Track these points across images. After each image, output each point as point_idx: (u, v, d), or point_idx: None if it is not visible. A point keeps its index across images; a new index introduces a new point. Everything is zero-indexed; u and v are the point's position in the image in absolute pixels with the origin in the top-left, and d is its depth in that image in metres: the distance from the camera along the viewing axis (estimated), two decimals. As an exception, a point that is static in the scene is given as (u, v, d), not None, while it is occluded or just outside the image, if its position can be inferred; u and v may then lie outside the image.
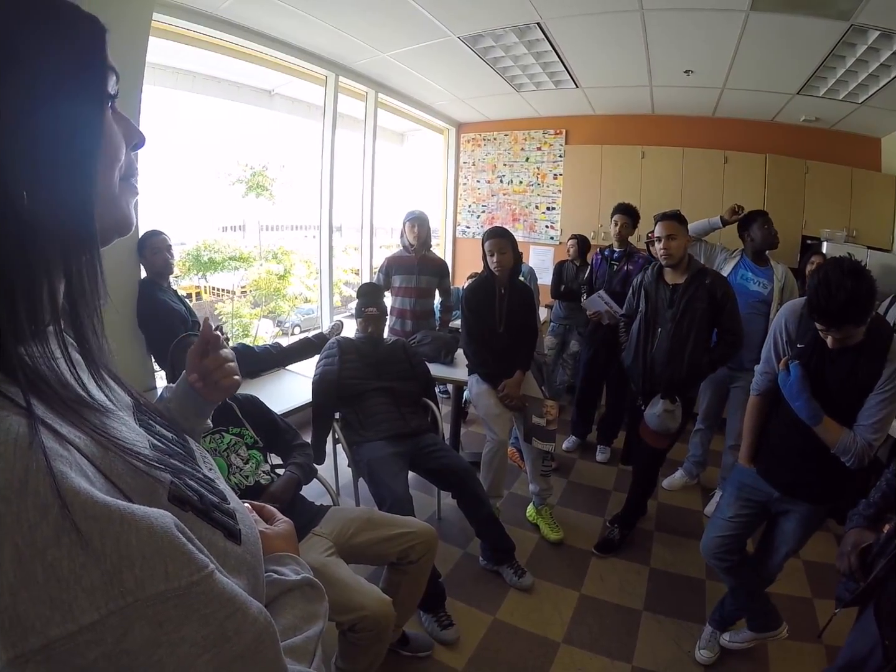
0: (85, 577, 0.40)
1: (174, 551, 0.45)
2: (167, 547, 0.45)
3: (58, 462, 0.42)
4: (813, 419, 2.04)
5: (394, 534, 2.19)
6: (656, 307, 3.15)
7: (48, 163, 0.49)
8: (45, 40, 0.49)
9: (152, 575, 0.43)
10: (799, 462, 2.20)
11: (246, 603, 0.52)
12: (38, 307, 0.50)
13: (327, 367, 3.11)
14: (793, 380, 2.08)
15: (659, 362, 3.12)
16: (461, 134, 7.55)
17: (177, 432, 0.74)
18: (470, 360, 3.55)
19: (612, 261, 4.37)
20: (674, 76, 4.90)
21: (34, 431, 0.43)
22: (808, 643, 2.61)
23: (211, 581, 0.48)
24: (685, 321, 3.03)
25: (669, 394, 3.08)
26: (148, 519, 0.45)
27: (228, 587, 0.50)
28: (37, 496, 0.40)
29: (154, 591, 0.43)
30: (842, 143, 5.71)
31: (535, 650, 2.59)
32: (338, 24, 4.13)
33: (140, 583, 0.42)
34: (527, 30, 4.12)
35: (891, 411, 1.92)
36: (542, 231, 7.10)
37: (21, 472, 0.40)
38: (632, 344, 3.27)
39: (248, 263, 8.92)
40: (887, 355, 1.91)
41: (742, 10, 3.44)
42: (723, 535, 2.44)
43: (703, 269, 3.13)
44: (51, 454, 0.42)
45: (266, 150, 9.26)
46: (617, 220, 4.35)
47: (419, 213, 4.38)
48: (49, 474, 0.40)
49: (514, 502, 3.81)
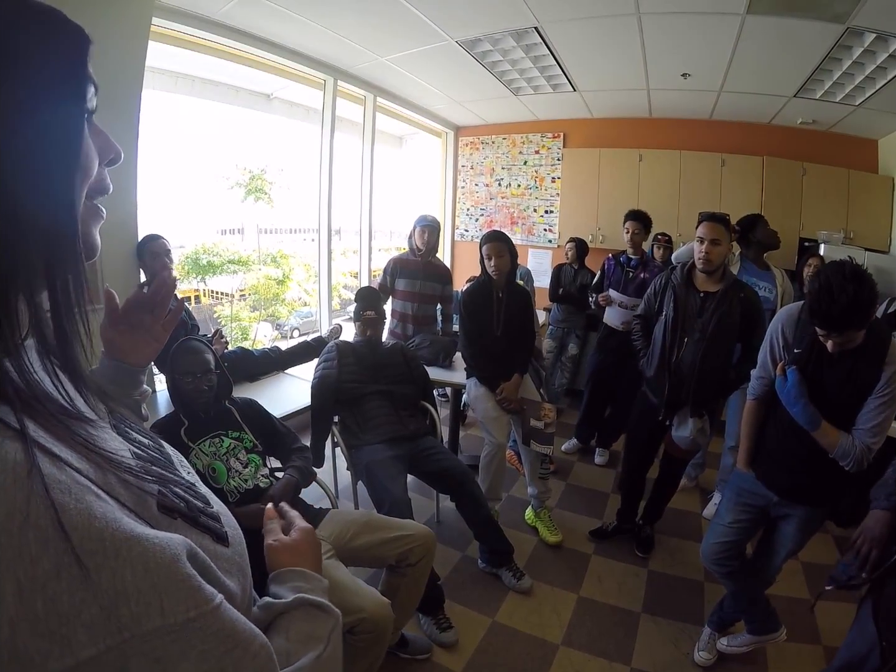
0: (84, 612, 0.40)
1: (172, 586, 0.45)
2: (164, 582, 0.44)
3: (56, 492, 0.41)
4: (811, 424, 2.05)
5: (392, 537, 2.19)
6: (685, 314, 2.94)
7: (25, 172, 0.47)
8: (31, 46, 0.48)
9: (148, 611, 0.43)
10: (797, 466, 2.19)
11: (249, 638, 0.52)
12: (16, 318, 0.48)
13: (326, 371, 3.11)
14: (790, 385, 2.09)
15: (685, 373, 2.94)
16: (459, 137, 7.57)
17: (151, 437, 0.74)
18: (468, 364, 3.55)
19: (627, 268, 4.32)
20: (671, 79, 4.91)
21: (31, 457, 0.42)
22: (806, 644, 2.62)
23: (211, 617, 0.48)
24: (718, 333, 2.85)
25: (697, 409, 2.98)
26: (148, 552, 0.44)
27: (230, 622, 0.50)
28: (38, 530, 0.39)
29: (150, 627, 0.43)
30: (839, 146, 5.73)
31: (533, 652, 2.60)
32: (336, 29, 4.15)
33: (136, 618, 0.42)
34: (524, 34, 4.13)
35: (889, 415, 1.92)
36: (540, 234, 7.11)
37: (22, 503, 0.39)
38: (655, 352, 3.08)
39: (247, 267, 8.92)
40: (886, 359, 1.91)
41: (738, 13, 3.45)
42: (722, 542, 2.45)
43: (738, 281, 2.98)
44: (49, 483, 0.41)
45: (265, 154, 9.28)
46: (629, 228, 4.30)
47: (432, 219, 4.32)
48: (51, 507, 0.40)
49: (513, 505, 3.82)
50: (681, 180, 6.08)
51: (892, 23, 3.33)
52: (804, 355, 2.09)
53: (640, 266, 4.29)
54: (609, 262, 4.49)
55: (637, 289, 4.19)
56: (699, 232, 2.88)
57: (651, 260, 4.37)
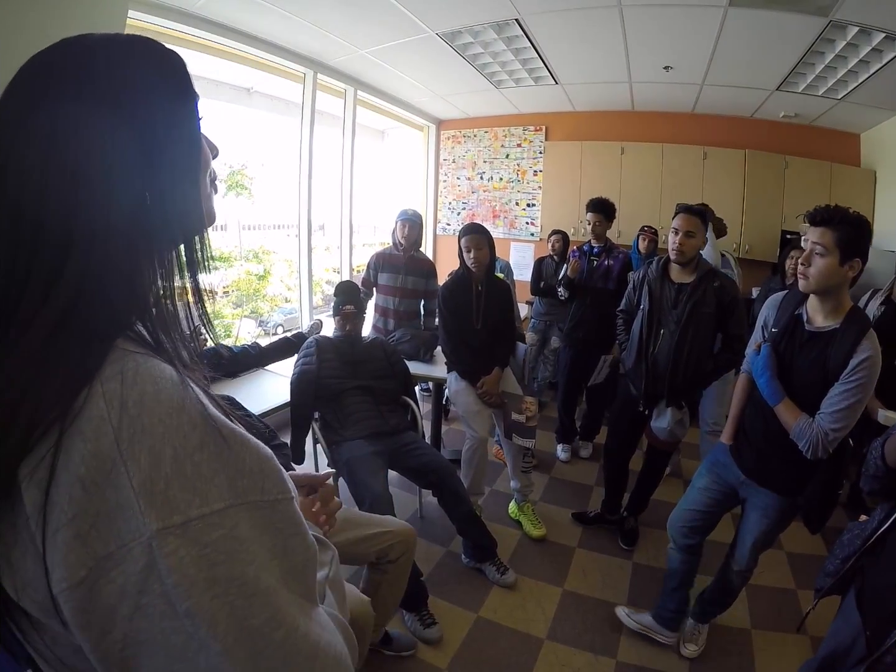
0: (216, 478, 0.55)
1: (271, 473, 0.61)
2: (267, 468, 0.60)
3: (201, 396, 0.58)
4: (773, 397, 2.09)
5: (371, 533, 2.16)
6: (661, 306, 2.99)
7: (169, 171, 0.65)
8: (164, 80, 0.66)
9: (254, 486, 0.58)
10: (762, 446, 2.24)
11: (306, 531, 0.65)
12: (154, 281, 0.65)
13: (305, 367, 3.08)
14: (760, 357, 2.15)
15: (661, 365, 2.98)
16: (441, 131, 7.55)
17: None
18: (448, 358, 3.53)
19: (591, 256, 4.32)
20: (653, 72, 4.91)
21: (181, 374, 0.59)
22: (792, 634, 2.63)
23: (289, 504, 0.62)
24: (690, 324, 2.89)
25: (674, 400, 3.01)
26: (258, 445, 0.61)
27: (299, 514, 0.64)
28: (190, 416, 0.55)
29: (254, 499, 0.57)
30: (821, 139, 5.77)
31: (518, 647, 2.59)
32: (315, 21, 4.09)
33: (247, 490, 0.57)
34: (505, 26, 4.10)
35: (853, 403, 1.90)
36: (522, 227, 7.11)
37: (179, 399, 0.55)
38: (633, 344, 3.13)
39: (229, 263, 8.85)
40: (857, 347, 1.91)
41: (720, 5, 3.44)
42: (692, 510, 2.52)
43: (713, 270, 2.99)
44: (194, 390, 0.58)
45: (246, 149, 9.20)
46: (590, 219, 4.31)
47: (412, 213, 4.29)
48: (199, 402, 0.57)
49: (496, 499, 3.81)
50: (663, 173, 6.09)
51: (875, 16, 3.33)
52: (779, 335, 2.15)
53: (603, 253, 4.29)
54: (574, 254, 4.47)
55: (603, 276, 4.22)
56: (674, 223, 2.92)
57: (615, 247, 4.35)
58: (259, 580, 0.56)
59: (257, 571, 0.56)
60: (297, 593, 0.61)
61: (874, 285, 3.78)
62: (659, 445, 3.21)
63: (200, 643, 0.52)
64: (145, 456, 0.51)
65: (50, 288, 0.56)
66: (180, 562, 0.51)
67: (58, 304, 0.55)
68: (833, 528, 2.65)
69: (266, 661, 0.55)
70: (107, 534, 0.50)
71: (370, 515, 2.32)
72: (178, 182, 0.66)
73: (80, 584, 0.50)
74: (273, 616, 0.56)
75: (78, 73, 0.60)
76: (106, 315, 0.59)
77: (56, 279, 0.56)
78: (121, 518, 0.50)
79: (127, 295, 0.61)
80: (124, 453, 0.51)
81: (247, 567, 0.55)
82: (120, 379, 0.54)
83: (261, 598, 0.55)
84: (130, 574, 0.50)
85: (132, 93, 0.62)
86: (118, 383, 0.54)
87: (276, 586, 0.58)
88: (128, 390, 0.54)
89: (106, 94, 0.60)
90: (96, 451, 0.51)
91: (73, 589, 0.50)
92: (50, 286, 0.56)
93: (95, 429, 0.52)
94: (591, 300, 4.23)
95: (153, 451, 0.52)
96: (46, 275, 0.56)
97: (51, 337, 0.55)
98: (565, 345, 4.60)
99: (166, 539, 0.50)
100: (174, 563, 0.50)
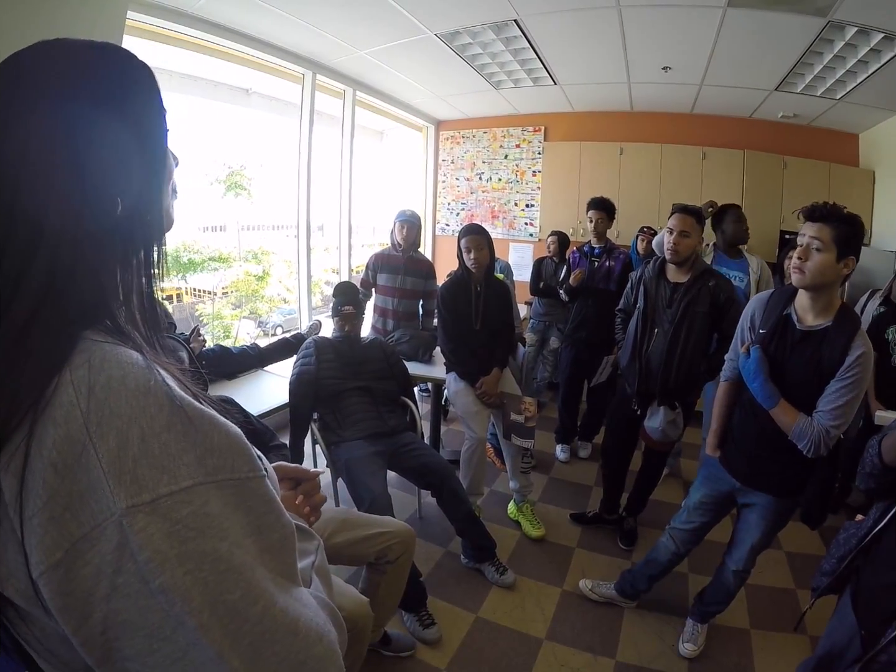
0: (185, 456, 0.56)
1: (241, 451, 0.62)
2: (236, 447, 0.61)
3: (168, 379, 0.60)
4: (769, 400, 2.07)
5: (370, 534, 2.16)
6: (655, 305, 3.01)
7: (139, 179, 0.67)
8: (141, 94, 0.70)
9: (224, 464, 0.59)
10: (755, 451, 2.23)
11: (281, 509, 0.66)
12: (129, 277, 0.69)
13: (304, 368, 3.08)
14: (751, 361, 2.12)
15: (654, 364, 2.99)
16: (440, 131, 7.53)
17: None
18: (447, 359, 3.53)
19: (592, 257, 4.32)
20: (652, 73, 4.90)
21: (147, 359, 0.61)
22: (790, 633, 2.61)
23: (261, 482, 0.63)
24: (684, 323, 2.90)
25: (667, 400, 3.00)
26: (226, 424, 0.62)
27: (271, 492, 0.65)
28: (156, 397, 0.57)
29: (223, 477, 0.58)
30: (820, 139, 5.76)
31: (518, 647, 2.59)
32: (314, 22, 4.09)
33: (216, 468, 0.58)
34: (504, 27, 4.10)
35: (851, 399, 1.91)
36: (521, 228, 7.09)
37: (145, 382, 0.57)
38: (628, 343, 3.15)
39: (228, 264, 8.84)
40: (851, 344, 1.92)
41: (719, 6, 3.44)
42: (688, 529, 2.57)
43: (709, 269, 3.02)
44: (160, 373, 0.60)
45: (244, 149, 9.17)
46: (592, 217, 4.31)
47: (410, 214, 4.28)
48: (164, 384, 0.58)
49: (495, 500, 3.81)
50: (661, 174, 6.07)
51: (874, 16, 3.32)
52: (768, 336, 2.12)
53: (604, 254, 4.29)
54: (574, 255, 4.49)
55: (604, 278, 4.22)
56: (670, 223, 2.94)
57: (615, 247, 4.35)
58: (233, 556, 0.57)
59: (230, 547, 0.57)
60: (275, 571, 0.62)
61: (873, 285, 3.78)
62: (653, 445, 3.21)
63: (177, 620, 0.53)
64: (113, 437, 0.53)
65: (20, 282, 0.58)
66: (150, 538, 0.52)
67: (27, 298, 0.58)
68: (832, 528, 2.65)
69: (245, 636, 0.56)
70: (80, 515, 0.52)
71: (369, 516, 2.32)
72: (146, 190, 0.69)
73: (56, 566, 0.52)
74: (248, 591, 0.57)
75: (59, 75, 0.63)
76: (75, 309, 0.61)
77: (24, 273, 0.58)
78: (92, 499, 0.52)
79: (96, 290, 0.64)
80: (93, 435, 0.53)
81: (219, 543, 0.56)
82: (87, 366, 0.57)
83: (234, 573, 0.57)
84: (105, 553, 0.52)
85: (108, 100, 0.64)
86: (86, 370, 0.56)
87: (252, 563, 0.59)
88: (95, 376, 0.56)
89: (81, 98, 0.62)
90: (67, 435, 0.53)
91: (50, 572, 0.52)
92: (20, 280, 0.58)
93: (66, 414, 0.54)
94: (592, 301, 4.24)
95: (121, 432, 0.54)
96: (17, 271, 0.58)
97: (22, 330, 0.57)
98: (566, 345, 4.61)
99: (136, 517, 0.52)
100: (144, 540, 0.52)
